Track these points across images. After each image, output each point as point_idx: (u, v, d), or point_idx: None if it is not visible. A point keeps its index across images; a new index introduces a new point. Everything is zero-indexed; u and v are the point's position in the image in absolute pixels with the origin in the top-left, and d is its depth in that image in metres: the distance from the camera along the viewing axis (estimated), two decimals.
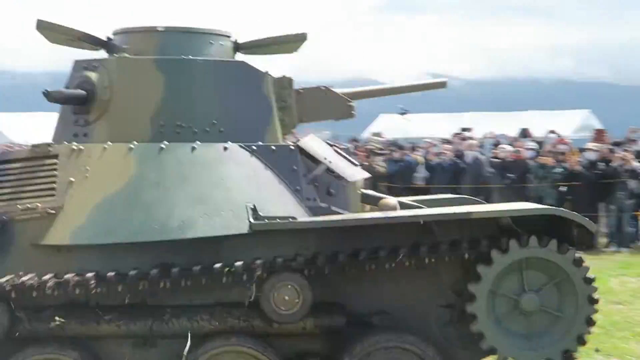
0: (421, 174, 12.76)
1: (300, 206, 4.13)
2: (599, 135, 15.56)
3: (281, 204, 4.08)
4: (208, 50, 4.56)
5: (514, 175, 11.95)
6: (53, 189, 3.97)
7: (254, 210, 3.94)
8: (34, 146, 4.21)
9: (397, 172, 12.90)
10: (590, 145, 12.84)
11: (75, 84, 4.35)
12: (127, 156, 4.05)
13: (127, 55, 4.40)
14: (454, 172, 12.57)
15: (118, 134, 4.21)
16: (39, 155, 4.16)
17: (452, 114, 25.74)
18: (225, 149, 4.15)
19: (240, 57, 4.92)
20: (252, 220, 3.88)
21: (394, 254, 3.86)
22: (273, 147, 4.28)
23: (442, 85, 5.82)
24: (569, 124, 21.28)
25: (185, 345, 3.86)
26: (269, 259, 3.84)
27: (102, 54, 4.80)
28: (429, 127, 21.80)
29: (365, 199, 4.83)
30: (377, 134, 17.37)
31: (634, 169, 10.92)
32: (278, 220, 3.93)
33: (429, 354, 3.96)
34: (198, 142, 4.12)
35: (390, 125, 21.40)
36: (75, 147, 4.10)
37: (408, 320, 4.14)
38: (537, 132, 16.96)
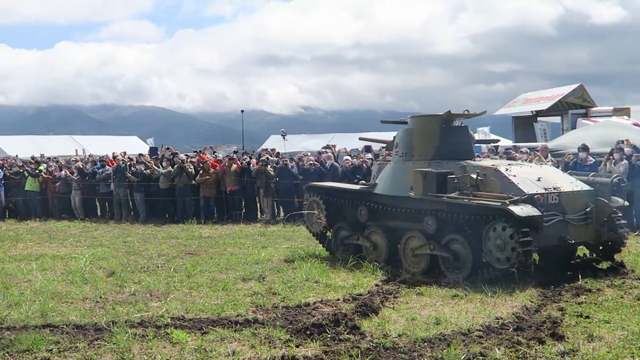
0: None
1: None
2: None
3: None
4: None
5: (359, 175, 14.44)
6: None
7: None
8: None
9: (280, 174, 16.19)
10: None
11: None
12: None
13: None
14: (318, 174, 15.52)
15: None
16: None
17: (318, 135, 31.15)
18: None
19: None
20: None
21: None
22: None
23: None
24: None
25: None
26: None
27: None
28: (302, 144, 26.06)
29: None
30: (271, 150, 19.76)
31: None
32: None
33: None
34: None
35: (276, 143, 23.98)
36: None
37: None
38: (375, 147, 19.09)
